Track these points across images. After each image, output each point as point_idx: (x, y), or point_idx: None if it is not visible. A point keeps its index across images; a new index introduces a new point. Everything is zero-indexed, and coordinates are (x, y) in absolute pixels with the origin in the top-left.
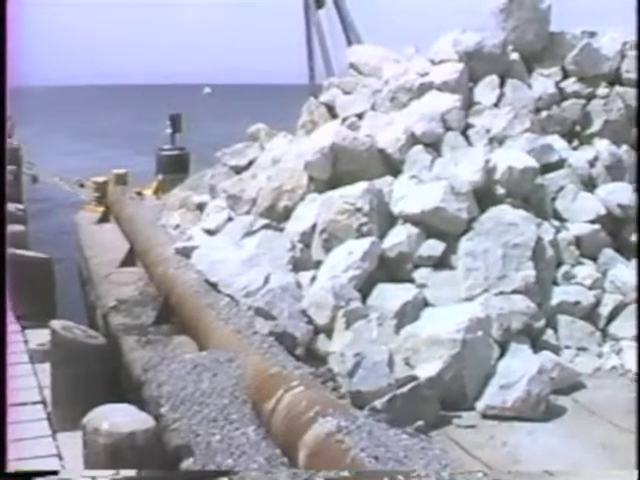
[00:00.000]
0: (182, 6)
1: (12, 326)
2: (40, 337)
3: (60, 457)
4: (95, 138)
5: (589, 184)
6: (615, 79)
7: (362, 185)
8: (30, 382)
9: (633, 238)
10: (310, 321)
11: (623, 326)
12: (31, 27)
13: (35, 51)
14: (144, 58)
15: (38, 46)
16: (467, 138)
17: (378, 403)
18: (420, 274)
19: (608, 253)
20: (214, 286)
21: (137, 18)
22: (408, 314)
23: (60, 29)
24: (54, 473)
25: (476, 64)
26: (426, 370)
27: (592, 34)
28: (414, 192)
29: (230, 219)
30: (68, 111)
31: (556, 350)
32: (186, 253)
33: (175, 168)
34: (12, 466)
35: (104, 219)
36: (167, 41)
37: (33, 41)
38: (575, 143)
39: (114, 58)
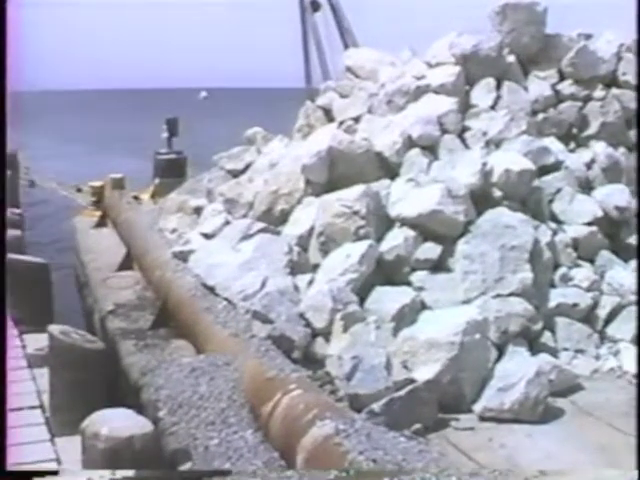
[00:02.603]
0: (178, 8)
1: (10, 330)
2: (38, 342)
3: (59, 461)
4: (92, 142)
5: (586, 186)
6: (611, 81)
7: (359, 188)
8: (28, 387)
9: (630, 240)
10: (308, 324)
11: (621, 328)
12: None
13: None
14: (140, 62)
15: (25, 49)
16: (464, 141)
17: (376, 406)
18: (417, 277)
19: (605, 255)
20: (211, 290)
21: (130, 22)
22: (406, 317)
23: (46, 33)
24: (54, 473)
25: (472, 67)
26: (424, 373)
27: (588, 36)
28: (411, 195)
29: (227, 223)
30: (61, 116)
31: (554, 352)
32: (183, 257)
33: (172, 172)
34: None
35: (101, 223)
36: (163, 45)
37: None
38: (572, 145)
39: (109, 62)
